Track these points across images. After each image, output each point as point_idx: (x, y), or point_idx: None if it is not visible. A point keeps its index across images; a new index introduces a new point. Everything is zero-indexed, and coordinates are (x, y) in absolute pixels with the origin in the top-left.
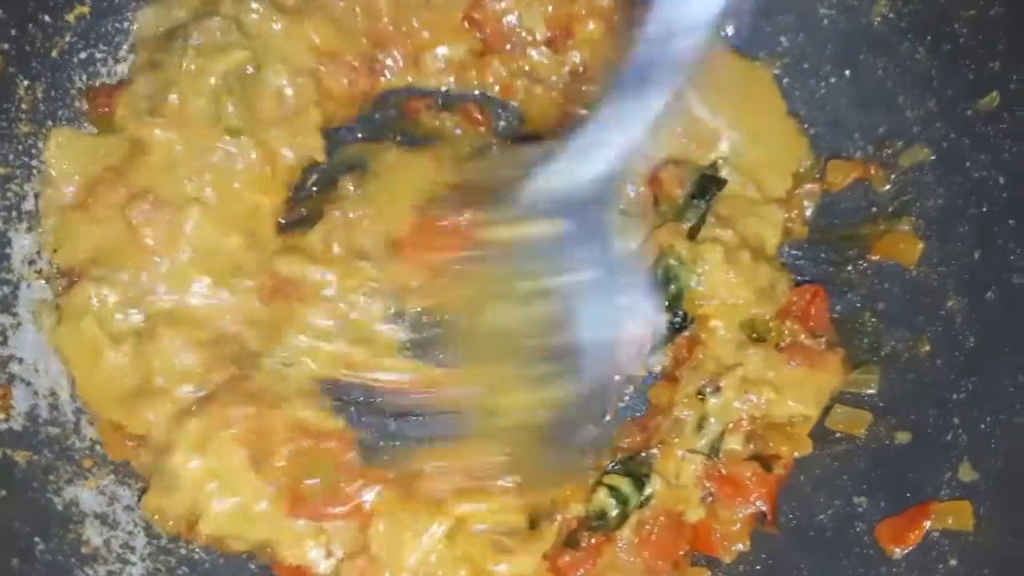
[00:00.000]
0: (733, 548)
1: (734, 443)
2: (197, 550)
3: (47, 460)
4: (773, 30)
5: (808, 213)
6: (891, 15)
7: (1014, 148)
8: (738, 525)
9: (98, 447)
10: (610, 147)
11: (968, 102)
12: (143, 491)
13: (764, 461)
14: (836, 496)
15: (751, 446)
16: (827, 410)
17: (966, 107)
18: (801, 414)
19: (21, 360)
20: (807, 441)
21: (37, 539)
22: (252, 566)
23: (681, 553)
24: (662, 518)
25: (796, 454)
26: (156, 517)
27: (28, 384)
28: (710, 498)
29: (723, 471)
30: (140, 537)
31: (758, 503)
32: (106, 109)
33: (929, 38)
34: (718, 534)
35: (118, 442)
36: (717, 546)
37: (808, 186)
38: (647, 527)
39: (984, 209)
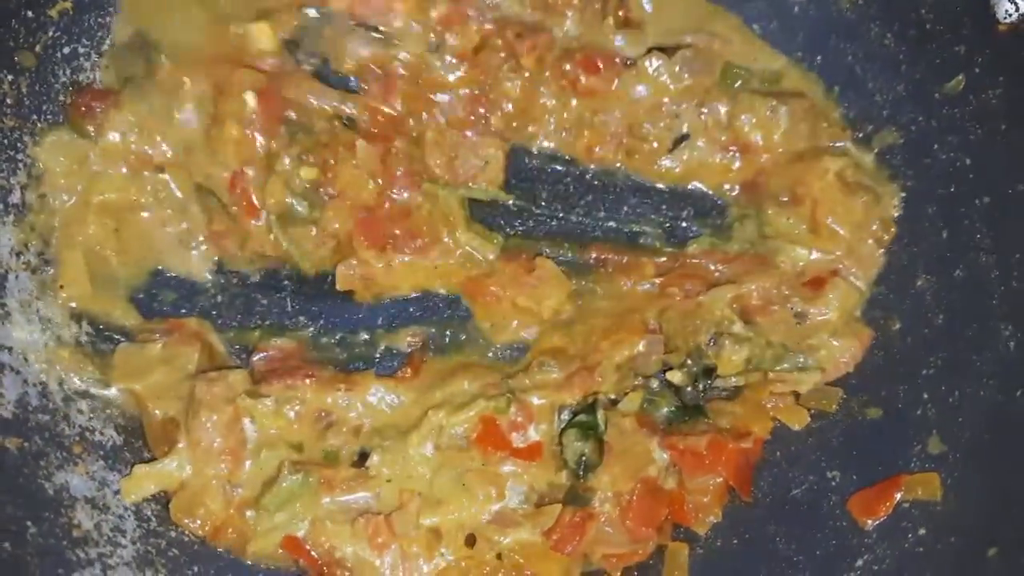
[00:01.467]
0: (706, 519)
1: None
2: (186, 533)
3: (37, 446)
4: (745, 18)
5: None
6: (860, 2)
7: (980, 130)
8: (708, 497)
9: (87, 433)
10: None
11: (935, 86)
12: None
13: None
14: (810, 471)
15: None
16: None
17: (933, 91)
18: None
19: (10, 349)
20: (803, 413)
21: (29, 523)
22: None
23: (663, 519)
24: (638, 485)
25: (766, 436)
26: (185, 521)
27: (17, 372)
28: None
29: (680, 445)
30: (130, 520)
31: (721, 474)
32: (84, 110)
33: (896, 24)
34: (690, 504)
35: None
36: (690, 517)
37: None
38: (626, 496)
39: (952, 190)
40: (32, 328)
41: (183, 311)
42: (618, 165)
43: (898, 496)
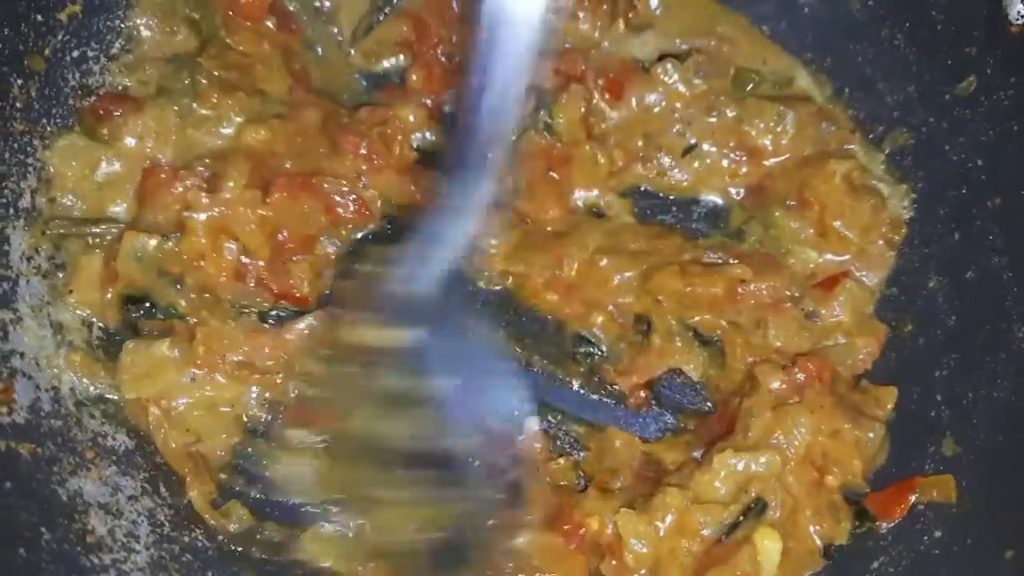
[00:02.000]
0: None
1: None
2: (200, 538)
3: (50, 452)
4: (754, 19)
5: None
6: (870, 3)
7: (991, 131)
8: None
9: (99, 438)
10: (447, 244)
11: (946, 87)
12: (146, 481)
13: None
14: None
15: None
16: None
17: (944, 92)
18: None
19: (22, 354)
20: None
21: (43, 529)
22: (255, 552)
23: None
24: None
25: None
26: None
27: (29, 378)
28: None
29: None
30: (144, 526)
31: None
32: (101, 113)
33: (907, 25)
34: None
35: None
36: None
37: None
38: None
39: (963, 191)
40: (43, 333)
41: None
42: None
43: (913, 498)
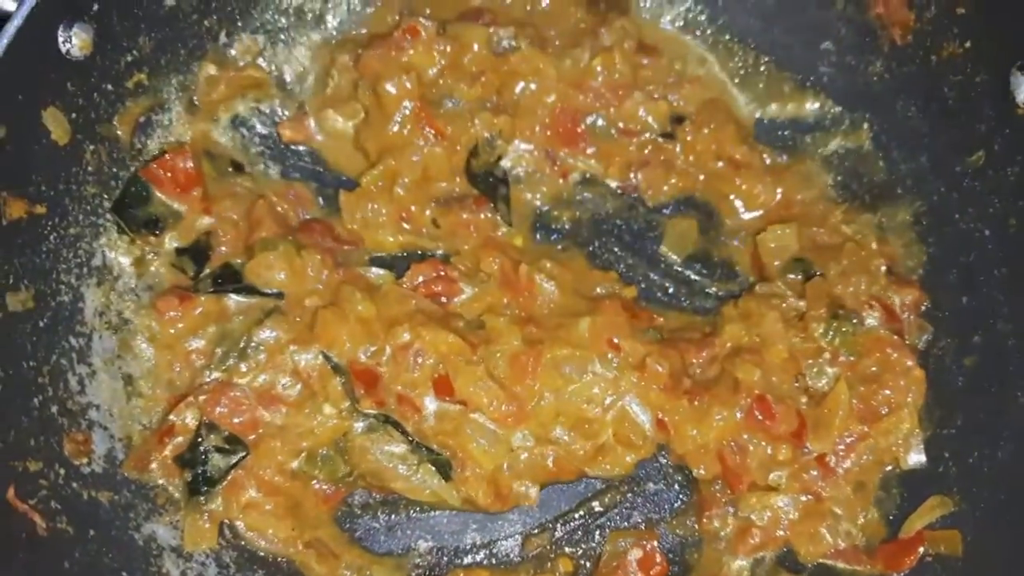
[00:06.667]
0: None
1: None
2: None
3: (126, 499)
4: None
5: None
6: (887, 76)
7: (998, 203)
8: None
9: (167, 485)
10: None
11: (957, 159)
12: None
13: None
14: None
15: None
16: None
17: (955, 163)
18: None
19: (98, 407)
20: None
21: (124, 573)
22: None
23: None
24: None
25: None
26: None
27: (105, 428)
28: None
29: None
30: (211, 567)
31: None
32: None
33: (921, 99)
34: None
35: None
36: None
37: None
38: None
39: (971, 258)
40: (116, 385)
41: None
42: None
43: (921, 551)
